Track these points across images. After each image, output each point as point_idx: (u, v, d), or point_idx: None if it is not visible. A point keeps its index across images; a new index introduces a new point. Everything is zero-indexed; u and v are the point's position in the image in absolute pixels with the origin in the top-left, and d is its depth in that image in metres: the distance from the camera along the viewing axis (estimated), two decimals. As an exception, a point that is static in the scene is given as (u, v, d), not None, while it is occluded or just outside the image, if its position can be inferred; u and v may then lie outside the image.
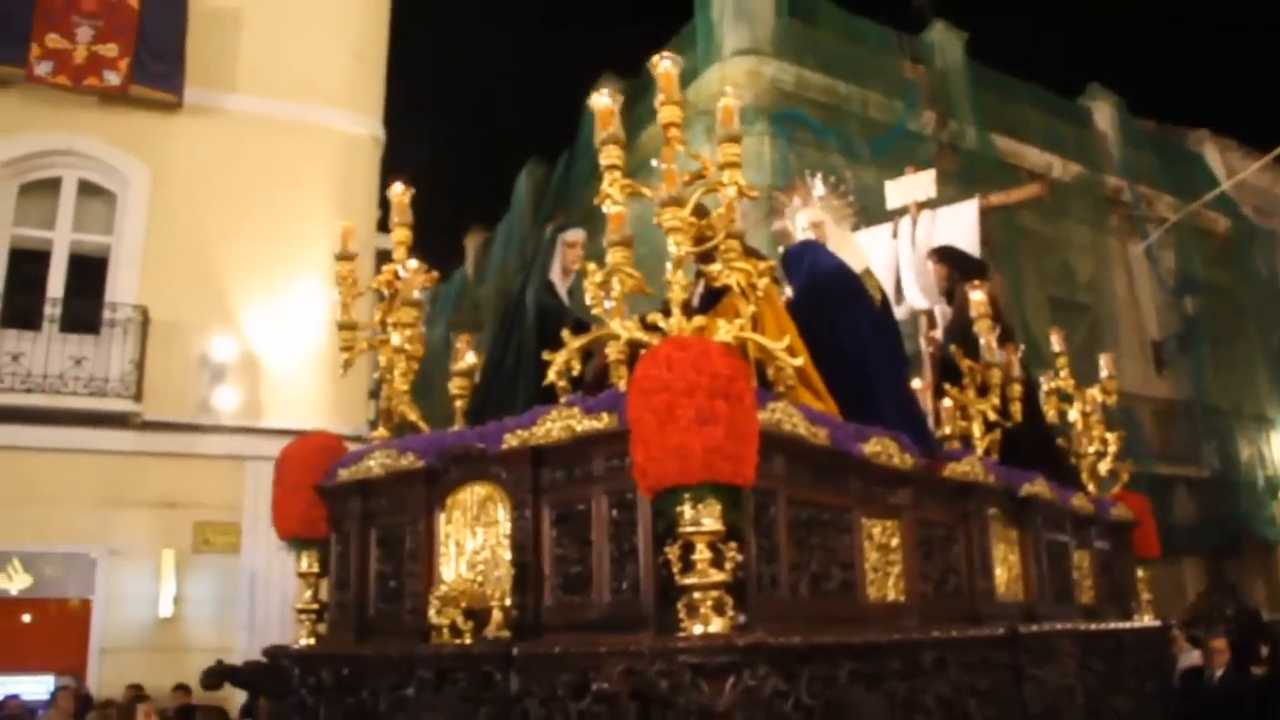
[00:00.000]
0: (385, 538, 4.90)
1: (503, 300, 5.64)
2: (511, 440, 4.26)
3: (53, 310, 11.42)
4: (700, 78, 14.89)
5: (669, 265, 4.11)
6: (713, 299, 4.85)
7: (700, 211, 4.55)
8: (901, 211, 9.15)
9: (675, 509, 3.51)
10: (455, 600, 4.22)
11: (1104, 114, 20.41)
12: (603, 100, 4.24)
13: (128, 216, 11.95)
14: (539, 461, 4.15)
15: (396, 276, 5.29)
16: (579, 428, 4.02)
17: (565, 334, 4.38)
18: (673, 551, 3.51)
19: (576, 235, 5.82)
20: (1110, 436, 7.98)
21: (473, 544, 4.42)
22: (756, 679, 3.32)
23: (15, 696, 9.95)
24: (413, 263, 5.22)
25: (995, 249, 16.42)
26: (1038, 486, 6.16)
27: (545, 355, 4.37)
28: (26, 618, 11.48)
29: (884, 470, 4.73)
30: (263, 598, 11.25)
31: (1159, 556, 8.07)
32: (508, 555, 4.20)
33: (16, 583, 11.11)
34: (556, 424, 4.12)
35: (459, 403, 5.35)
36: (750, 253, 4.90)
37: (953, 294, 7.75)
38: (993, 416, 6.32)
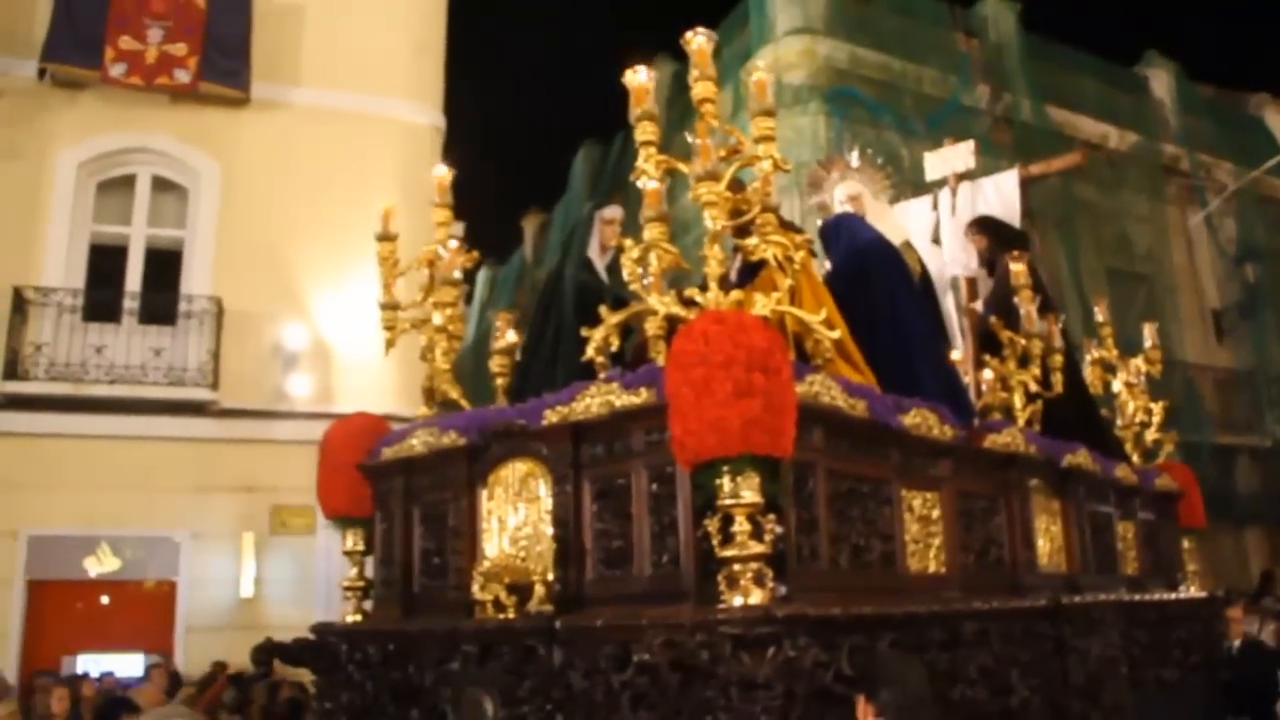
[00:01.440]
0: (429, 515, 4.97)
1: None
2: (552, 416, 4.30)
3: (131, 303, 11.85)
4: (754, 57, 14.82)
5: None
6: (750, 273, 4.86)
7: (737, 186, 4.57)
8: (941, 183, 9.05)
9: (714, 482, 3.54)
10: (498, 575, 4.28)
11: (1161, 81, 20.06)
12: (638, 77, 4.24)
13: (200, 210, 12.33)
14: (579, 437, 4.19)
15: (438, 257, 5.34)
16: (618, 403, 4.05)
17: (603, 310, 4.40)
18: (712, 524, 3.54)
19: (614, 212, 5.83)
20: (1155, 406, 7.91)
21: (515, 520, 4.47)
22: (797, 649, 3.34)
23: (110, 674, 10.30)
24: (453, 242, 5.26)
25: (1051, 221, 16.31)
26: (1080, 457, 6.12)
27: (584, 332, 4.39)
28: (116, 599, 11.81)
29: (924, 442, 4.73)
30: (337, 577, 11.49)
31: (1204, 527, 7.97)
32: (549, 530, 4.26)
33: (106, 565, 11.47)
34: (596, 400, 4.15)
35: (500, 380, 5.40)
36: (786, 226, 4.91)
37: (994, 265, 7.70)
38: (1034, 388, 6.28)
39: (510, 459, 4.54)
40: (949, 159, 8.96)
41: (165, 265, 12.28)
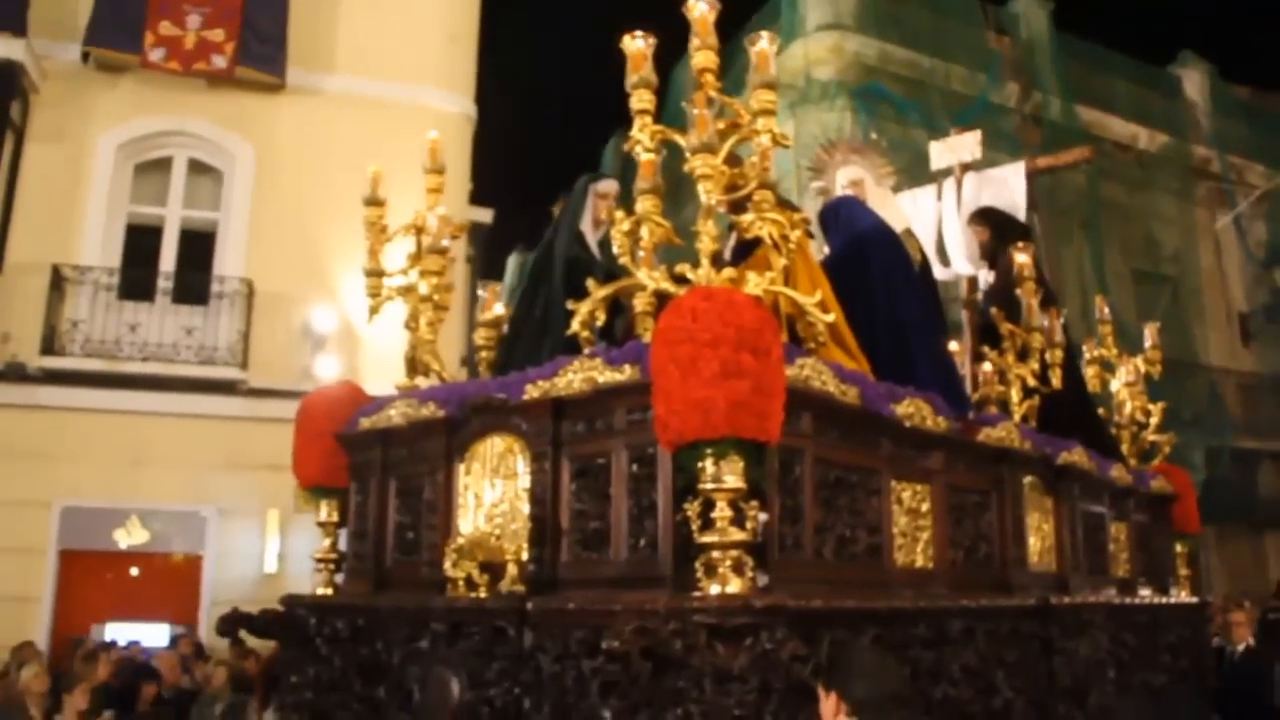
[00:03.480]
0: (404, 488, 4.83)
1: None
2: (533, 391, 4.16)
3: (165, 283, 12.14)
4: (783, 53, 14.67)
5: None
6: (744, 252, 4.71)
7: (734, 162, 4.42)
8: (946, 173, 8.89)
9: (696, 465, 3.40)
10: (471, 553, 4.15)
11: (1194, 82, 19.93)
12: (635, 43, 4.08)
13: (234, 193, 12.57)
14: (560, 413, 4.05)
15: (426, 223, 5.19)
16: (600, 379, 3.91)
17: (591, 284, 4.25)
18: (692, 508, 3.40)
19: (609, 186, 5.66)
20: (1153, 407, 7.77)
21: (491, 496, 4.34)
22: (774, 642, 3.21)
23: (136, 642, 10.62)
24: (441, 209, 5.11)
25: (1076, 221, 16.20)
26: (1075, 455, 5.99)
27: (570, 305, 4.25)
28: (144, 571, 12.12)
29: (916, 433, 4.58)
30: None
31: (1198, 532, 7.86)
32: (526, 509, 4.12)
33: (135, 538, 11.77)
34: (578, 375, 4.01)
35: (484, 354, 5.26)
36: (784, 204, 4.75)
37: (995, 257, 7.54)
38: (1031, 382, 6.14)
39: (489, 433, 4.40)
40: (955, 148, 8.80)
41: (199, 246, 12.58)
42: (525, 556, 4.01)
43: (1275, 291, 19.52)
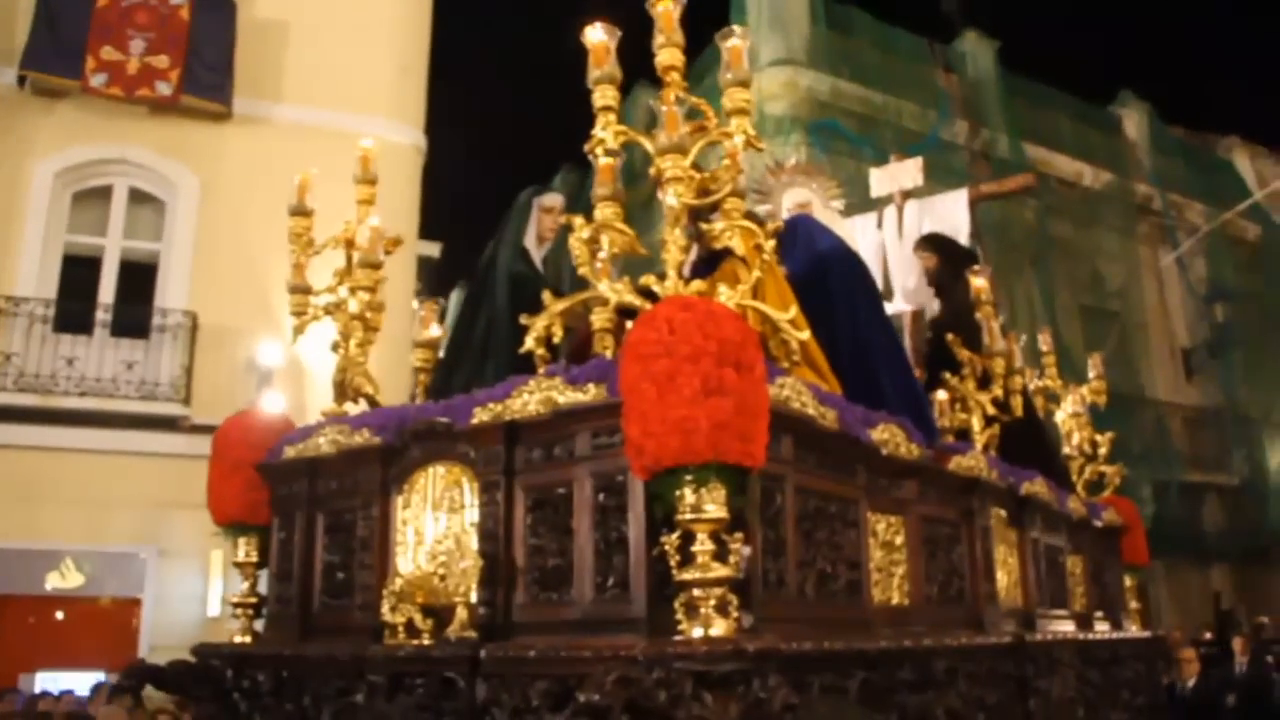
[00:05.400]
0: (334, 524, 4.36)
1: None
2: (482, 415, 3.75)
3: (104, 315, 11.70)
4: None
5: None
6: (706, 266, 4.38)
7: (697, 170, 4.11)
8: (886, 201, 8.74)
9: (674, 493, 3.05)
10: (412, 595, 3.72)
11: (1133, 121, 20.42)
12: (597, 35, 3.76)
13: (177, 224, 12.24)
14: (513, 438, 3.65)
15: (356, 236, 4.78)
16: (561, 400, 3.53)
17: (547, 296, 3.89)
18: (670, 542, 3.04)
19: (554, 200, 5.33)
20: (1100, 438, 7.64)
21: (434, 532, 3.91)
22: (767, 691, 2.86)
23: (70, 692, 9.91)
24: (374, 220, 4.70)
25: (1026, 256, 16.40)
26: (1037, 486, 5.77)
27: (523, 319, 3.87)
28: (79, 616, 11.59)
29: (890, 460, 4.29)
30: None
31: (1146, 564, 7.73)
32: (475, 545, 3.70)
33: (69, 581, 11.36)
34: (535, 396, 3.62)
35: (422, 376, 4.85)
36: (750, 218, 4.46)
37: (941, 285, 7.37)
38: (990, 410, 5.92)
39: (431, 462, 3.99)
40: (896, 175, 8.68)
41: (140, 278, 12.15)
42: (475, 599, 3.60)
43: (1216, 327, 19.98)
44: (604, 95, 3.72)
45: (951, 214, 8.31)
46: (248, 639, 4.62)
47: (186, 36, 12.05)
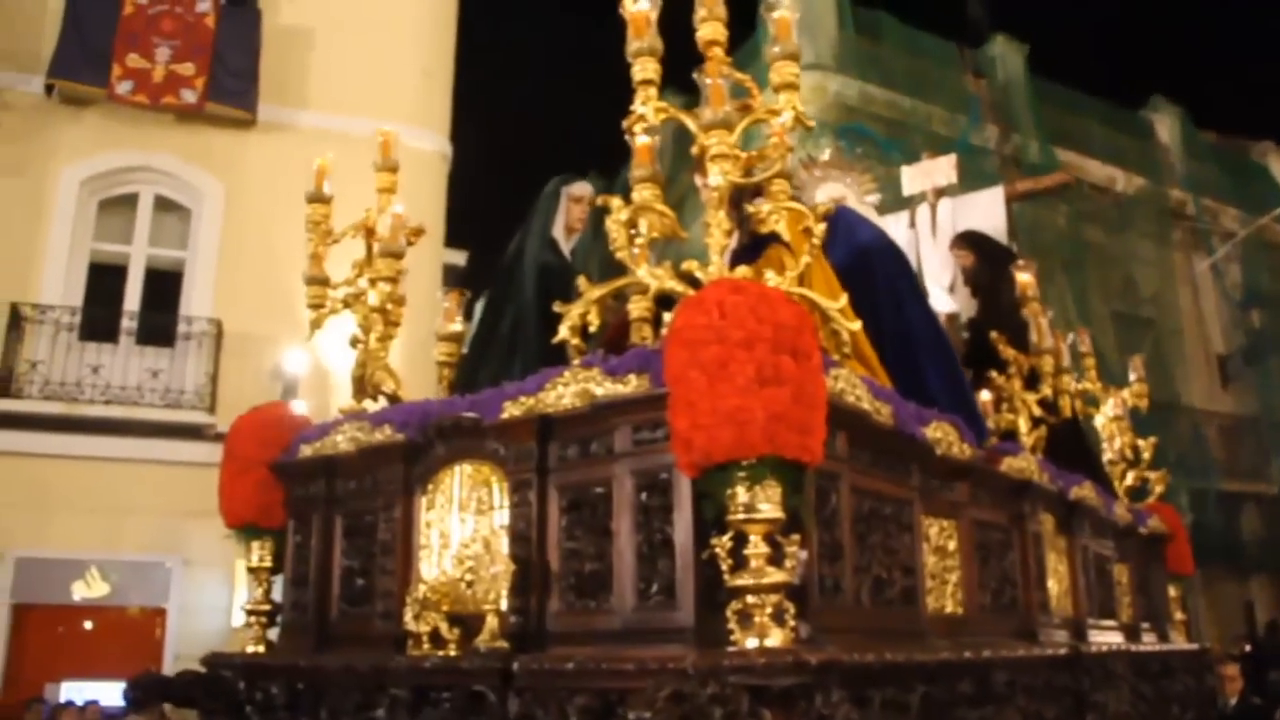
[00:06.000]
0: (353, 526, 4.12)
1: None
2: (513, 409, 3.51)
3: (130, 323, 11.66)
4: (764, 93, 14.52)
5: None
6: (749, 253, 4.14)
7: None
8: (919, 199, 8.48)
9: (725, 492, 2.81)
10: (437, 603, 3.49)
11: (1166, 126, 20.11)
12: (638, 5, 3.53)
13: (202, 231, 12.18)
14: (547, 434, 3.41)
15: (376, 225, 4.55)
16: (599, 392, 3.29)
17: (583, 282, 3.65)
18: (721, 545, 2.79)
19: (583, 189, 5.10)
20: (1143, 443, 7.36)
21: (461, 535, 3.67)
22: (830, 706, 2.61)
23: (94, 702, 9.78)
24: (398, 207, 4.47)
25: (1059, 263, 16.18)
26: (1086, 490, 5.51)
27: (557, 307, 3.63)
28: (104, 625, 11.42)
29: (944, 460, 4.04)
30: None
31: (1191, 574, 7.44)
32: (505, 549, 3.46)
33: (94, 590, 11.21)
34: (570, 388, 3.38)
35: (445, 370, 4.61)
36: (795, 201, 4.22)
37: (979, 283, 7.12)
38: (1036, 411, 5.66)
39: (457, 460, 3.75)
40: (930, 172, 8.42)
41: (165, 286, 12.10)
42: (505, 606, 3.36)
43: (1252, 333, 19.57)
44: (644, 68, 3.50)
45: (988, 212, 8.05)
46: (261, 648, 4.39)
47: (211, 44, 12.02)
